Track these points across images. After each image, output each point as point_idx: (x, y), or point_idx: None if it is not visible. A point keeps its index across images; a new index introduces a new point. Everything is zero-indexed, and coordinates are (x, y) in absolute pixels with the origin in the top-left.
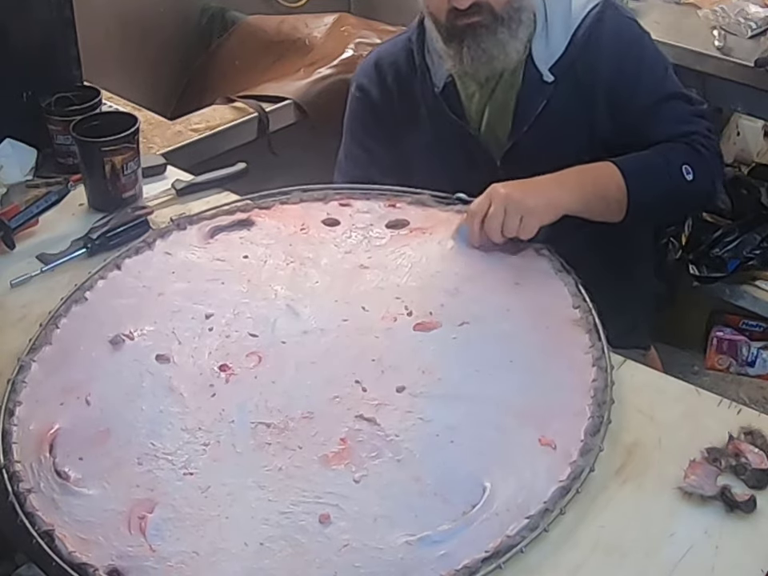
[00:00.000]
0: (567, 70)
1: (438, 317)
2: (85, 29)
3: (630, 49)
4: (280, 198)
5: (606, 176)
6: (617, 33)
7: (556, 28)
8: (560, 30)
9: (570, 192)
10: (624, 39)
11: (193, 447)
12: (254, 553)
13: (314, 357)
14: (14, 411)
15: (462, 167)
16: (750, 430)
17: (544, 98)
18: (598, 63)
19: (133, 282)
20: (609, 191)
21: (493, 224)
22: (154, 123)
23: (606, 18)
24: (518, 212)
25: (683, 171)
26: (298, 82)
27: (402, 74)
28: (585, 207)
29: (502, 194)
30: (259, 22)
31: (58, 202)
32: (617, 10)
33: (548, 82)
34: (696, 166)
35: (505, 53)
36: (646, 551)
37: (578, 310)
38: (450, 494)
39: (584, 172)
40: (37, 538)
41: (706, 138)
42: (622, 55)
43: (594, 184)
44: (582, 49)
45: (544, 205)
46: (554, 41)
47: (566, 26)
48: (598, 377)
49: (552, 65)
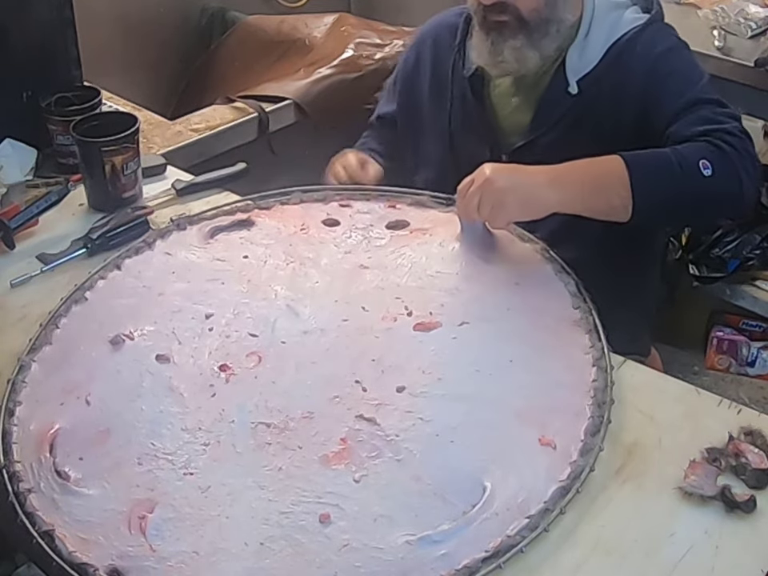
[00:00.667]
0: (594, 83)
1: (438, 317)
2: (85, 29)
3: (661, 60)
4: (280, 199)
5: (609, 171)
6: (650, 47)
7: (596, 41)
8: (599, 45)
9: (563, 190)
10: (656, 52)
11: (193, 447)
12: (254, 553)
13: (314, 357)
14: (14, 411)
15: (470, 154)
16: (749, 430)
17: (564, 109)
18: (627, 80)
19: (133, 282)
20: (611, 188)
21: (466, 204)
22: (153, 123)
23: (644, 34)
24: (491, 201)
25: (700, 166)
26: (298, 82)
27: (442, 48)
28: (582, 206)
29: (485, 175)
30: (259, 21)
31: (58, 202)
32: (657, 25)
33: (572, 94)
34: (716, 162)
35: (517, 60)
36: (646, 551)
37: (579, 311)
38: (450, 493)
39: (586, 168)
40: (37, 538)
41: (733, 136)
42: (652, 68)
43: (594, 180)
44: (613, 65)
45: (521, 203)
46: (590, 54)
47: (606, 41)
48: (598, 377)
49: (581, 77)
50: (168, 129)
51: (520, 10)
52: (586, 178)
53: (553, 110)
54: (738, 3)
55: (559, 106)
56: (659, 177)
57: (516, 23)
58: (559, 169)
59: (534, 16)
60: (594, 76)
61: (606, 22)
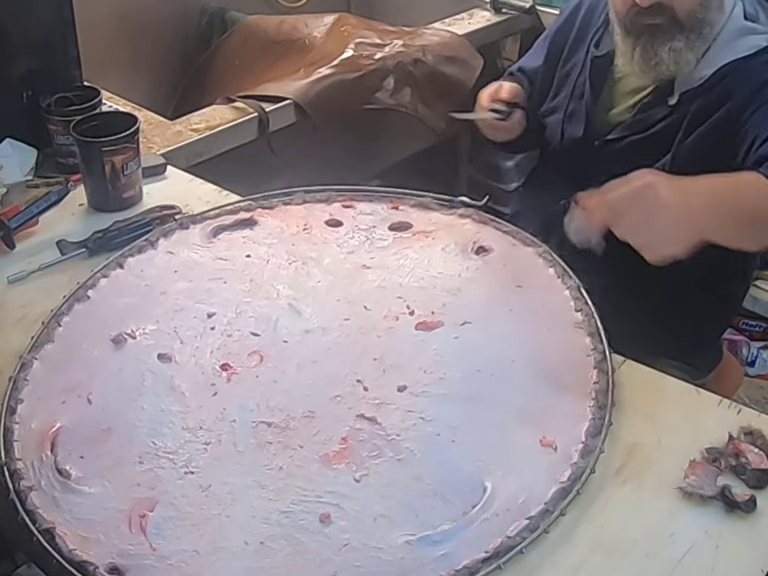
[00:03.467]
0: (692, 99)
1: (440, 316)
2: (85, 29)
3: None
4: (283, 199)
5: None
6: (758, 73)
7: (711, 60)
8: (712, 63)
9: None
10: (762, 80)
11: (194, 446)
12: (255, 552)
13: (315, 356)
14: (15, 409)
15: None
16: (749, 430)
17: (659, 116)
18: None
19: (135, 280)
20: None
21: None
22: (153, 123)
23: (755, 59)
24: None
25: None
26: (298, 82)
27: (591, 19)
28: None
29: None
30: (259, 21)
31: (58, 202)
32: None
33: (668, 104)
34: None
35: (675, 62)
36: (646, 551)
37: (580, 314)
38: (450, 493)
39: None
40: (37, 536)
41: None
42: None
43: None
44: (715, 85)
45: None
46: (701, 70)
47: (719, 61)
48: (599, 379)
49: (685, 90)
50: (168, 129)
51: (676, 11)
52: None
53: (650, 114)
54: None
55: (656, 113)
56: None
57: (670, 25)
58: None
59: (690, 17)
60: (695, 92)
61: (730, 45)
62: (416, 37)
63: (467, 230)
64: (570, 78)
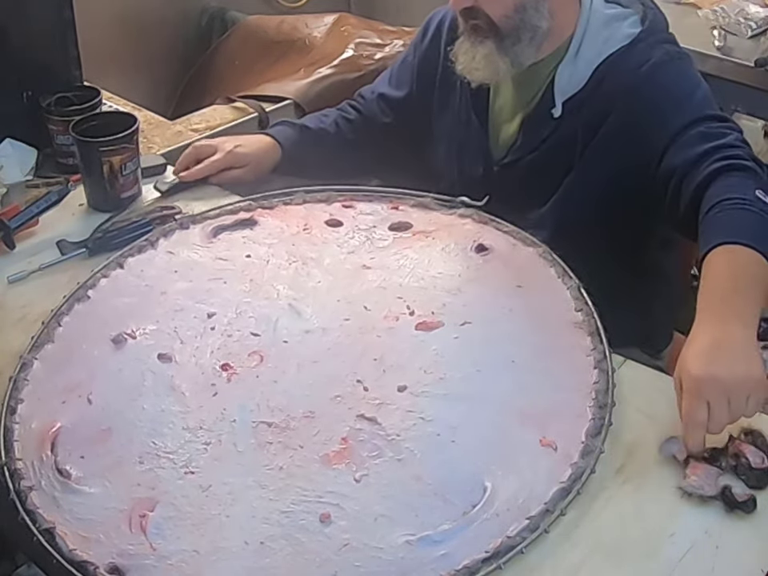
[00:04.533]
0: (576, 107)
1: (440, 316)
2: (85, 29)
3: (645, 83)
4: (283, 199)
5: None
6: (634, 67)
7: (586, 60)
8: (587, 64)
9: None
10: (640, 73)
11: (194, 446)
12: (255, 552)
13: (315, 356)
14: (15, 409)
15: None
16: (749, 430)
17: (547, 131)
18: (608, 106)
19: (135, 280)
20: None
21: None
22: (153, 123)
23: (631, 52)
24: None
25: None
26: (298, 82)
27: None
28: None
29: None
30: (259, 21)
31: (58, 202)
32: (648, 40)
33: (553, 116)
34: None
35: (488, 66)
36: (646, 551)
37: (580, 313)
38: (450, 493)
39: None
40: (37, 536)
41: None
42: (635, 92)
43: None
44: (596, 88)
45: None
46: (578, 74)
47: (594, 61)
48: (599, 379)
49: (567, 98)
50: (168, 129)
51: (490, 15)
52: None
53: (537, 131)
54: (737, 3)
55: (542, 128)
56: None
57: (487, 28)
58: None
59: (505, 22)
60: (579, 99)
61: (600, 39)
62: None
63: (467, 230)
64: (451, 104)
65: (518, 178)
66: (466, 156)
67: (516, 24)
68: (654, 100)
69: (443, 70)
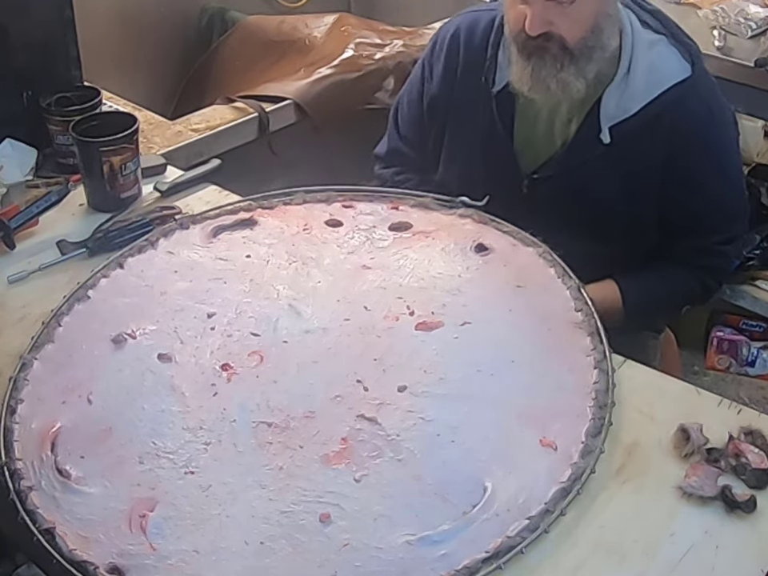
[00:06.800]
0: (629, 137)
1: (440, 316)
2: (85, 29)
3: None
4: (283, 199)
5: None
6: (699, 111)
7: (635, 86)
8: (640, 89)
9: None
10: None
11: (194, 446)
12: (255, 552)
13: (315, 356)
14: (15, 409)
15: (487, 175)
16: (750, 430)
17: (593, 155)
18: (662, 144)
19: (135, 280)
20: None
21: None
22: (154, 123)
23: (687, 98)
24: None
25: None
26: (298, 82)
27: (473, 57)
28: None
29: None
30: (259, 21)
31: (58, 202)
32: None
33: (603, 142)
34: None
35: (563, 90)
36: (646, 551)
37: (580, 314)
38: (450, 493)
39: None
40: (38, 536)
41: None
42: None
43: None
44: (652, 123)
45: None
46: (628, 101)
47: (646, 87)
48: (599, 379)
49: (614, 124)
50: (168, 129)
51: (566, 39)
52: None
53: (582, 153)
54: (737, 3)
55: (585, 153)
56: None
57: (559, 51)
58: None
59: (580, 45)
60: (630, 129)
61: (646, 62)
62: (416, 37)
63: (467, 230)
64: (468, 123)
65: (550, 195)
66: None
67: (591, 45)
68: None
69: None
